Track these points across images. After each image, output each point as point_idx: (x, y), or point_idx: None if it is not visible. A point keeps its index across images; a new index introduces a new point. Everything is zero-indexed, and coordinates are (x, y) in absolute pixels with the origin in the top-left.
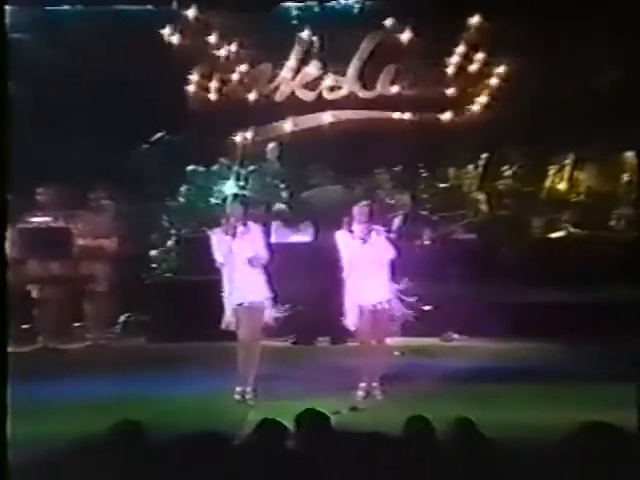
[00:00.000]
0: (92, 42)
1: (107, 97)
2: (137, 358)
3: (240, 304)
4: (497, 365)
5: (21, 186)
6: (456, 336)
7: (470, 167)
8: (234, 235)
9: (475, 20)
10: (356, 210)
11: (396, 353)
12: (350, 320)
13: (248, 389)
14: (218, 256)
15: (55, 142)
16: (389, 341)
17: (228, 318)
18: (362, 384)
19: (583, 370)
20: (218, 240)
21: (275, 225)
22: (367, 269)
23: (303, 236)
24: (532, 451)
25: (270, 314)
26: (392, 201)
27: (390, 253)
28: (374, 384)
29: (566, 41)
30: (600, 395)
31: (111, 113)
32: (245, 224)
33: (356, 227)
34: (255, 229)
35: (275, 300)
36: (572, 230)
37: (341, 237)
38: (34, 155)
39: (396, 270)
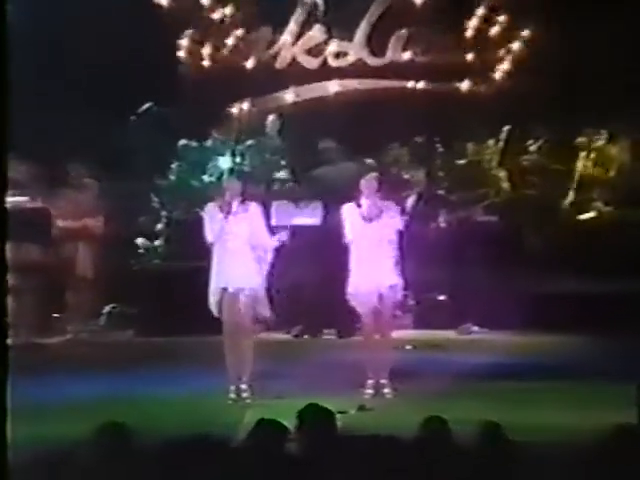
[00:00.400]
0: (71, 5)
1: (90, 64)
2: (123, 354)
3: (224, 288)
4: (520, 361)
5: None
6: (475, 328)
7: (491, 141)
8: (229, 212)
9: None
10: (363, 183)
11: (408, 347)
12: (355, 307)
13: (243, 386)
14: (208, 234)
15: (32, 113)
16: (400, 334)
17: (211, 303)
18: (370, 381)
19: (616, 367)
20: (211, 216)
21: (276, 205)
22: (372, 249)
23: (309, 218)
24: (559, 456)
25: (263, 304)
26: (407, 176)
27: (398, 225)
28: (383, 381)
29: (599, 2)
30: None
31: (94, 82)
32: (243, 202)
33: (364, 202)
34: (254, 209)
35: (269, 290)
36: (604, 210)
37: (347, 210)
38: (8, 127)
39: (408, 254)
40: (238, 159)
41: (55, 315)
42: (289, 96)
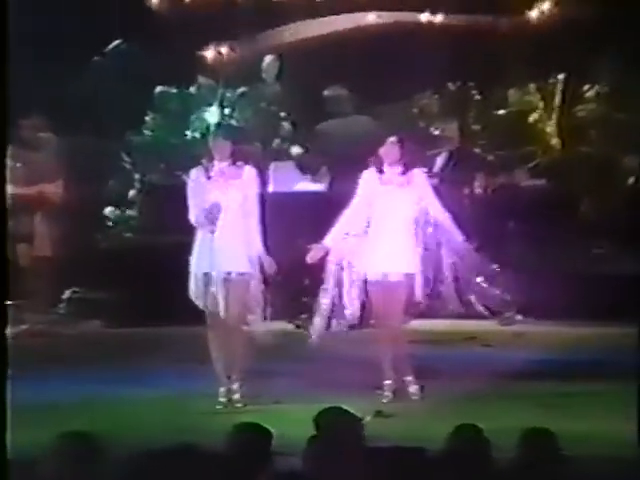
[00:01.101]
0: None
1: None
2: (89, 348)
3: (206, 273)
4: (573, 357)
5: None
6: (519, 317)
7: (537, 87)
8: (219, 178)
9: None
10: (382, 150)
11: (436, 340)
12: (349, 297)
13: (234, 387)
14: (192, 212)
15: None
16: (427, 324)
17: (192, 292)
18: (388, 382)
19: None
20: (195, 187)
21: (274, 167)
22: (389, 226)
23: (313, 183)
24: (622, 472)
25: (258, 289)
26: (437, 131)
27: (428, 197)
28: (404, 382)
29: None
30: None
31: (51, 13)
32: (234, 164)
33: (387, 169)
34: (249, 173)
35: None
36: None
37: (367, 176)
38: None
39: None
40: (228, 110)
41: (7, 302)
42: (289, 33)
